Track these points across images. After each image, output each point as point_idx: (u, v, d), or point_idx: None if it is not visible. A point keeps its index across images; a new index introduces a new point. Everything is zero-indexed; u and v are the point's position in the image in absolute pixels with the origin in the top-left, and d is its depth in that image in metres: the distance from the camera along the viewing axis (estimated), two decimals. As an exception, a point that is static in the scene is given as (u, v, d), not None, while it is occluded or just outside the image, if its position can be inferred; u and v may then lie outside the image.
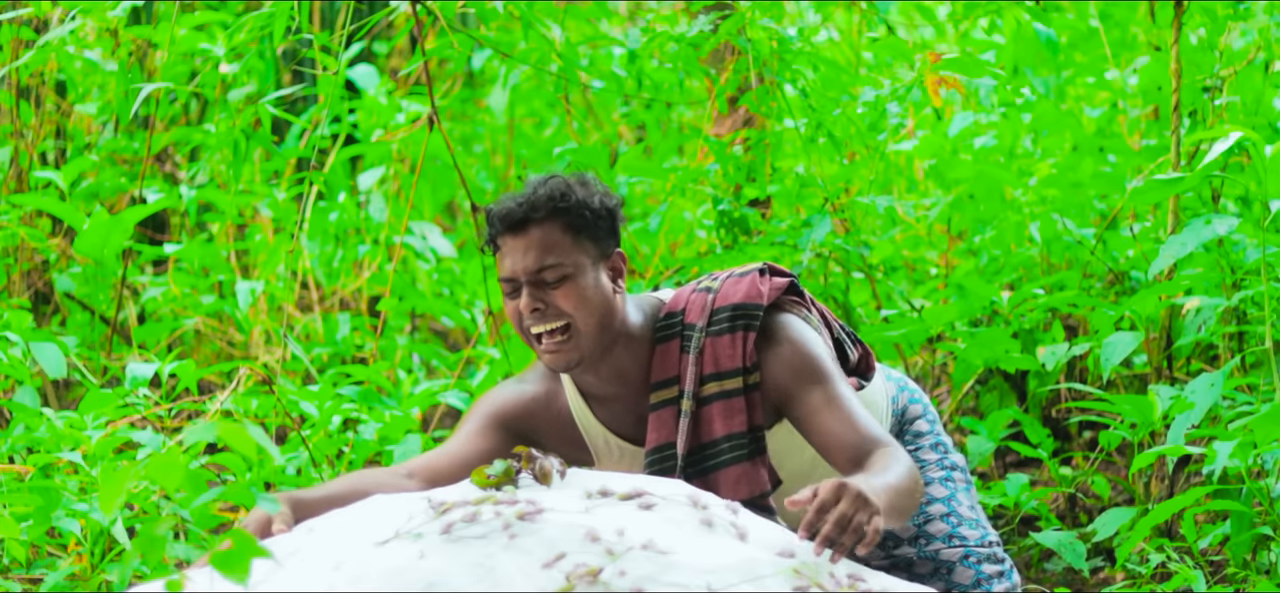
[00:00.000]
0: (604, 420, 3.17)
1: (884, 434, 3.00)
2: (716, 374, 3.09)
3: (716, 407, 3.09)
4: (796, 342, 3.09)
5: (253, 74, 6.01)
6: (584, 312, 3.02)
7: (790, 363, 3.07)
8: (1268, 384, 3.78)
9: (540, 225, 3.02)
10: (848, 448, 2.97)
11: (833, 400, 3.02)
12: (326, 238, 5.86)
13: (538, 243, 3.02)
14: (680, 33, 4.83)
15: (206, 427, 2.37)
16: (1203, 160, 3.65)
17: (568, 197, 3.03)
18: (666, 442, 3.10)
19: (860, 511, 2.63)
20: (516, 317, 3.05)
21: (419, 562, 2.52)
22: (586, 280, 3.03)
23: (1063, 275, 4.81)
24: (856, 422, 3.00)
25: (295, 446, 4.08)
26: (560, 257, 3.02)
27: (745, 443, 3.08)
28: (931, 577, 3.23)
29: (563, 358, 3.04)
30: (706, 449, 3.09)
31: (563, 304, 3.01)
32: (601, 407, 3.17)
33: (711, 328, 3.10)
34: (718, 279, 3.18)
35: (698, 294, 3.16)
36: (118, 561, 3.30)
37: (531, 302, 3.01)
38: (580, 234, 3.04)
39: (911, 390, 3.39)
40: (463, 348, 5.97)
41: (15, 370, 3.94)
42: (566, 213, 3.03)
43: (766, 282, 3.14)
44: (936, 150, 5.22)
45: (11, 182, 5.15)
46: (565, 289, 3.01)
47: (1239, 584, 3.53)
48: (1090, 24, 5.90)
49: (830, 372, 3.06)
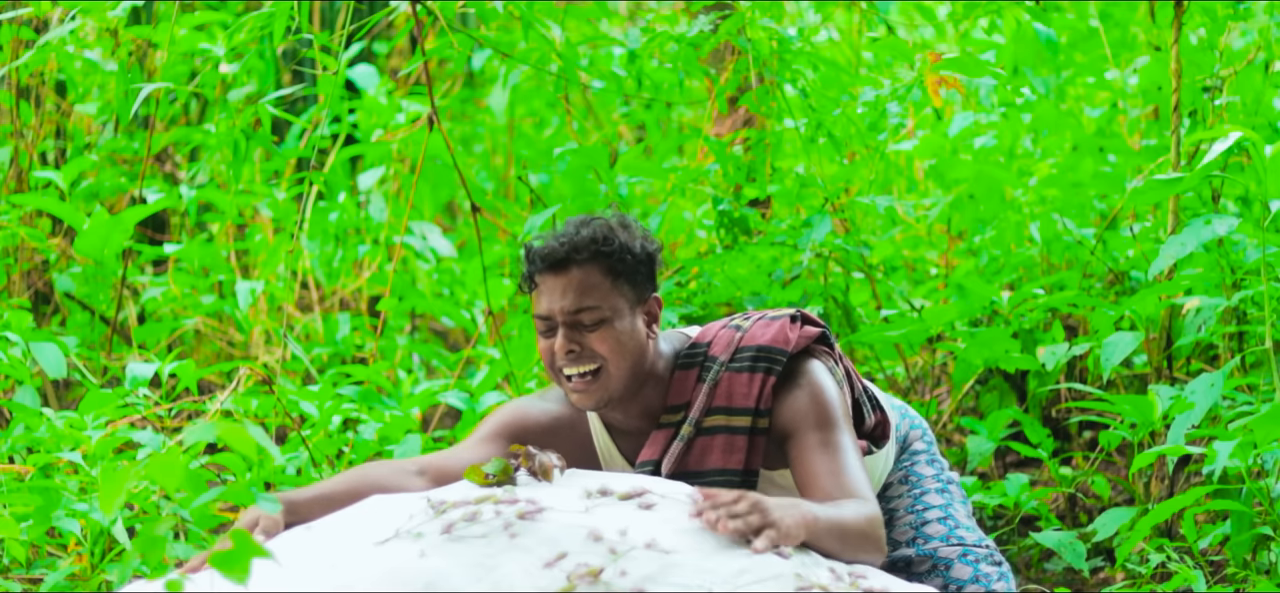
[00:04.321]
0: (626, 453, 3.18)
1: (866, 492, 2.97)
2: (726, 409, 3.09)
3: (718, 439, 3.09)
4: (813, 385, 3.08)
5: (253, 74, 6.02)
6: (618, 356, 3.02)
7: (801, 403, 3.06)
8: (1268, 384, 3.78)
9: (581, 267, 3.02)
10: (822, 493, 2.95)
11: (829, 446, 3.01)
12: (326, 238, 5.87)
13: (577, 285, 3.01)
14: (680, 33, 4.83)
15: (206, 427, 2.37)
16: (1203, 160, 3.65)
17: (610, 240, 3.03)
18: (652, 459, 3.12)
19: (753, 513, 2.67)
20: (549, 355, 3.05)
21: (419, 561, 2.52)
22: (623, 325, 3.03)
23: (1063, 275, 4.81)
24: (844, 475, 2.97)
25: (295, 445, 4.08)
26: (599, 300, 3.01)
27: (737, 482, 3.09)
28: (930, 575, 3.23)
29: (591, 398, 3.05)
30: (693, 477, 3.09)
31: (598, 347, 3.01)
32: (625, 439, 3.19)
33: (733, 364, 3.11)
34: (749, 319, 3.18)
35: (726, 330, 3.17)
36: (118, 561, 3.30)
37: (567, 343, 3.01)
38: (619, 279, 3.03)
39: (910, 416, 3.41)
40: (463, 348, 5.97)
41: (15, 370, 3.94)
42: (608, 257, 3.02)
43: (796, 329, 3.14)
44: (936, 150, 5.22)
45: (11, 182, 5.15)
46: (602, 333, 3.01)
47: (1239, 584, 3.53)
48: (1090, 24, 5.90)
49: (836, 421, 3.05)
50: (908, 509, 3.30)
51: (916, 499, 3.31)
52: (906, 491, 3.32)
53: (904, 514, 3.30)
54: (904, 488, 3.32)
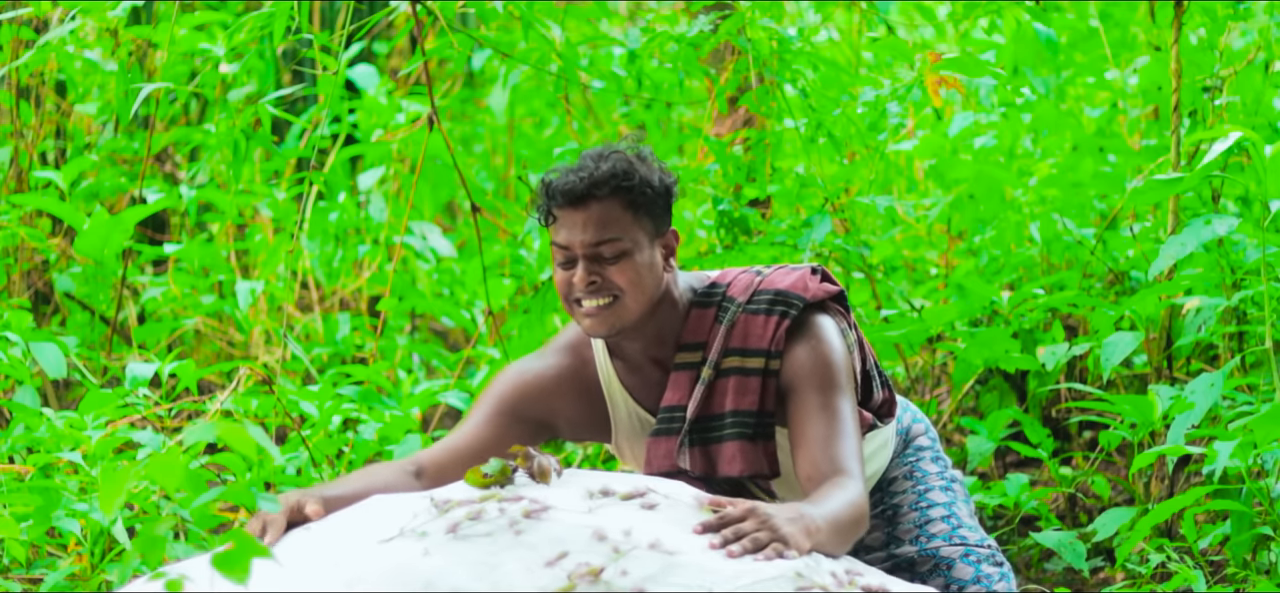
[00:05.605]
0: (630, 388, 3.18)
1: (854, 467, 2.96)
2: (741, 350, 3.10)
3: (732, 381, 3.09)
4: (821, 343, 3.08)
5: (253, 74, 6.02)
6: (636, 289, 3.02)
7: (806, 360, 3.06)
8: (1268, 384, 3.78)
9: (601, 201, 3.01)
10: (812, 461, 2.96)
11: (826, 410, 3.01)
12: (326, 238, 5.87)
13: (598, 218, 3.01)
14: (680, 33, 4.83)
15: (206, 427, 2.37)
16: (1203, 160, 3.65)
17: (630, 174, 3.02)
18: (679, 404, 3.11)
19: (760, 530, 2.68)
20: (566, 286, 3.05)
21: (422, 559, 2.52)
22: (642, 258, 3.03)
23: (1063, 275, 4.81)
24: (835, 442, 2.98)
25: (295, 445, 4.08)
26: (619, 233, 3.01)
27: (750, 422, 3.08)
28: (932, 574, 3.23)
29: (604, 325, 3.05)
30: (712, 421, 3.10)
31: (617, 279, 3.02)
32: (631, 374, 3.18)
33: (750, 305, 3.12)
34: (770, 268, 3.20)
35: (746, 275, 3.18)
36: (118, 561, 3.30)
37: (588, 275, 3.01)
38: (639, 212, 3.03)
39: (913, 411, 3.41)
40: (463, 348, 5.97)
41: (15, 370, 3.94)
42: (629, 191, 3.02)
43: (815, 280, 3.15)
44: (936, 150, 5.22)
45: (11, 182, 5.15)
46: (621, 265, 3.02)
47: (1239, 584, 3.53)
48: (1090, 24, 5.90)
49: (839, 384, 3.05)
50: (911, 507, 3.30)
51: (920, 496, 3.30)
52: (910, 487, 3.32)
53: (907, 512, 3.30)
54: (908, 484, 3.32)
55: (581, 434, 3.24)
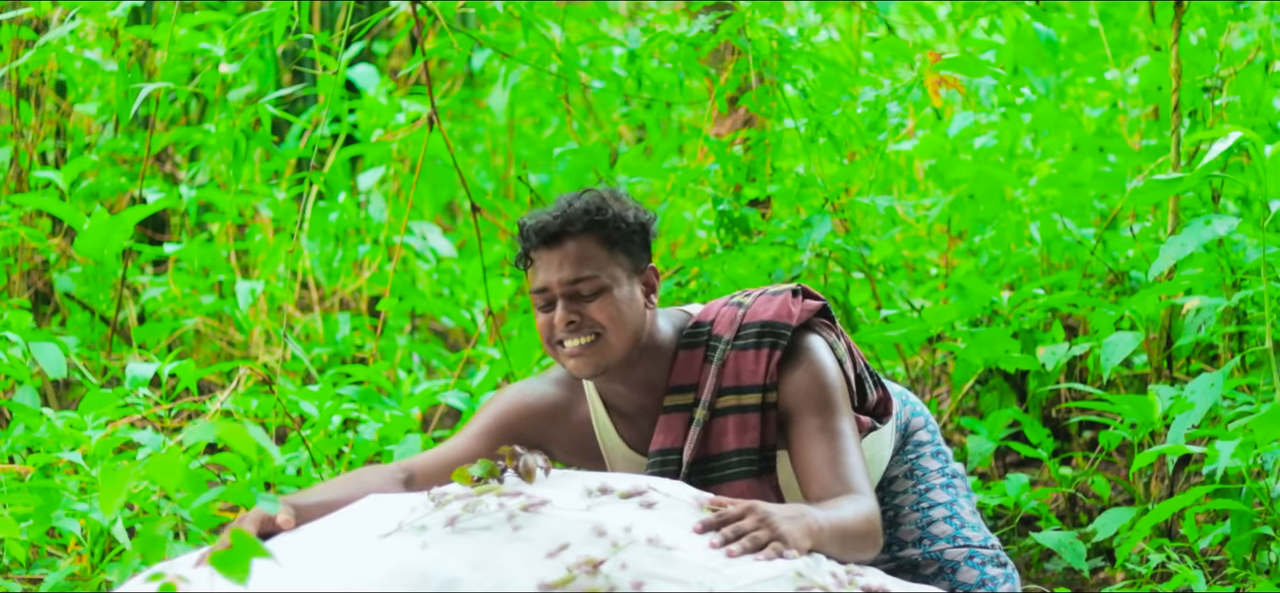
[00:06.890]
0: (625, 437, 3.17)
1: (864, 484, 2.97)
2: (736, 388, 3.09)
3: (731, 420, 3.08)
4: (815, 365, 3.08)
5: (253, 74, 6.02)
6: (617, 325, 3.01)
7: (802, 384, 3.06)
8: (1268, 384, 3.78)
9: (576, 238, 3.02)
10: (822, 484, 2.96)
11: (827, 432, 3.01)
12: (326, 238, 5.86)
13: (574, 256, 3.01)
14: (680, 33, 4.83)
15: (206, 427, 2.37)
16: (1203, 160, 3.65)
17: (604, 210, 3.02)
18: (672, 446, 3.10)
19: (760, 528, 2.68)
20: (547, 329, 3.04)
21: (421, 553, 2.52)
22: (621, 294, 3.02)
23: (1063, 275, 4.81)
24: (841, 463, 2.98)
25: (295, 445, 4.08)
26: (596, 269, 3.01)
27: (754, 459, 3.08)
28: (936, 577, 3.23)
29: (588, 364, 3.03)
30: (714, 461, 3.09)
31: (597, 316, 3.00)
32: (624, 422, 3.17)
33: (738, 341, 3.10)
34: (750, 296, 3.18)
35: (728, 308, 3.16)
36: (118, 561, 3.30)
37: (567, 314, 3.00)
38: (615, 248, 3.03)
39: (913, 403, 3.39)
40: (463, 348, 5.96)
41: (15, 370, 3.94)
42: (602, 227, 3.02)
43: (798, 303, 3.13)
44: (936, 150, 5.22)
45: (11, 182, 5.15)
46: (601, 302, 3.01)
47: (1239, 584, 3.53)
48: (1090, 24, 5.90)
49: (837, 405, 3.05)
50: (913, 507, 3.29)
51: (922, 496, 3.30)
52: (911, 486, 3.31)
53: (909, 513, 3.29)
54: (909, 483, 3.31)
55: (575, 463, 3.23)
